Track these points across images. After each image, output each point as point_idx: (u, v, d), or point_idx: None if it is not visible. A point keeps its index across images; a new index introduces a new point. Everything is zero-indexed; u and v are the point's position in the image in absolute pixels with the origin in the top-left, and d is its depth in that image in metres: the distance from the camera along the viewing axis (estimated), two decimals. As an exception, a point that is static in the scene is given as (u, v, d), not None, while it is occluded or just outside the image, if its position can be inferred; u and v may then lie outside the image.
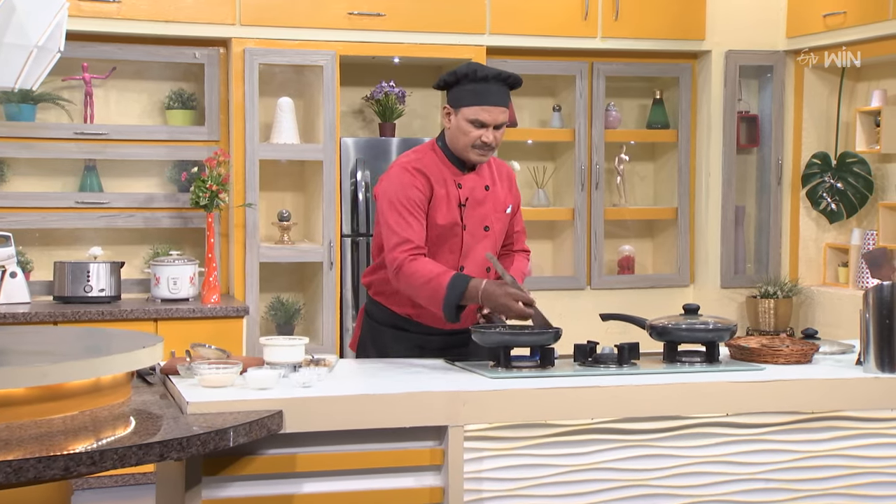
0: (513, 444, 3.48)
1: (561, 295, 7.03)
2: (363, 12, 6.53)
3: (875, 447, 3.72)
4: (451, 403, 3.37)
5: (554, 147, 7.31)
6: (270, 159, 6.54)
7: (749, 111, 7.36)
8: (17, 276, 6.18)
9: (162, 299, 6.23)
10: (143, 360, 3.31)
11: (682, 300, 7.23)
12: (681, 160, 7.28)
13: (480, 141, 3.94)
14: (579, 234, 7.07)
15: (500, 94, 3.97)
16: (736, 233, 7.27)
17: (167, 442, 2.84)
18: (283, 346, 3.57)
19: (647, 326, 3.96)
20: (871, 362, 3.73)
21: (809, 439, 3.69)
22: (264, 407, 3.22)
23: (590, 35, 6.90)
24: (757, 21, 7.18)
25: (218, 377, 3.39)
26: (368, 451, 3.36)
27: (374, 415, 3.32)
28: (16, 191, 6.42)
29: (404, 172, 3.97)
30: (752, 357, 3.93)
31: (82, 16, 6.14)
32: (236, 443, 3.02)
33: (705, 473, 3.62)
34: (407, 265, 3.86)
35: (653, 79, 7.37)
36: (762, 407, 3.61)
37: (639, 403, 3.53)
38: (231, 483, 3.24)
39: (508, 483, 3.47)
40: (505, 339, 3.74)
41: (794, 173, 7.27)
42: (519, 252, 4.29)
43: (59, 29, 3.47)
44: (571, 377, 3.63)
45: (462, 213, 4.01)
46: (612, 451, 3.55)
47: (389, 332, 4.12)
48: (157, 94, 6.70)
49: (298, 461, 3.29)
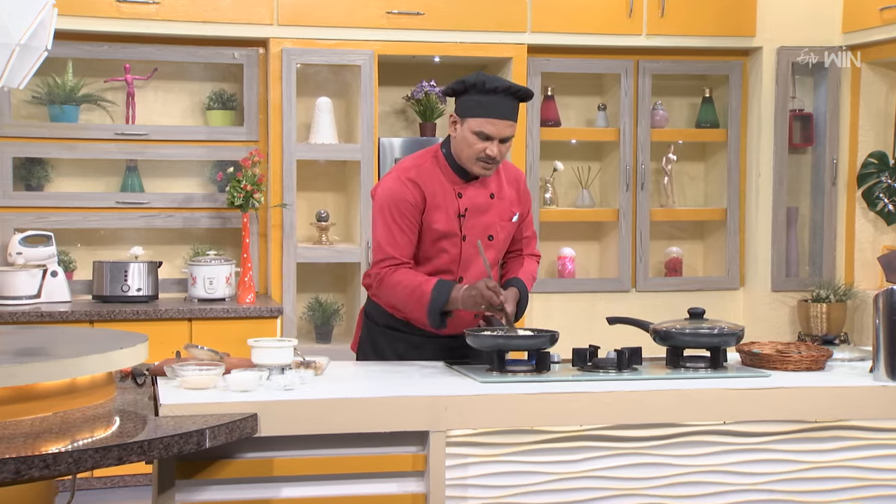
0: (499, 451, 3.40)
1: (605, 297, 6.90)
2: (402, 11, 6.47)
3: (884, 458, 3.57)
4: (432, 408, 3.30)
5: (600, 147, 7.18)
6: (309, 159, 6.52)
7: (803, 109, 7.16)
8: (57, 275, 6.24)
9: (199, 299, 6.25)
10: (122, 360, 3.28)
11: (732, 303, 7.12)
12: (730, 160, 7.10)
13: (485, 154, 3.83)
14: (624, 235, 6.94)
15: (508, 107, 3.84)
16: (788, 234, 7.08)
17: (127, 445, 2.80)
18: (270, 348, 3.52)
19: (650, 331, 3.84)
20: (881, 370, 3.58)
21: (814, 449, 3.55)
22: (240, 410, 3.18)
23: (634, 32, 6.77)
24: (810, 16, 6.97)
25: (199, 379, 3.36)
26: (349, 456, 3.31)
27: (353, 419, 3.26)
28: (60, 191, 6.48)
29: (398, 182, 3.89)
30: (762, 363, 3.81)
31: (122, 17, 6.19)
32: (204, 446, 2.98)
33: (702, 483, 3.50)
34: (388, 276, 3.82)
35: (702, 77, 7.21)
36: (760, 415, 3.49)
37: (629, 410, 3.42)
38: (206, 487, 3.20)
39: (494, 490, 3.39)
40: (499, 342, 3.66)
41: (849, 173, 7.05)
42: (528, 256, 4.19)
43: (43, 27, 3.45)
44: (563, 382, 3.53)
45: (461, 224, 3.92)
46: (604, 459, 3.46)
47: (387, 333, 4.06)
48: (198, 95, 6.72)
49: (276, 465, 3.25)
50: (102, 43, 6.37)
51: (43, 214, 6.37)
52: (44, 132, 6.35)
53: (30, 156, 6.40)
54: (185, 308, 6.06)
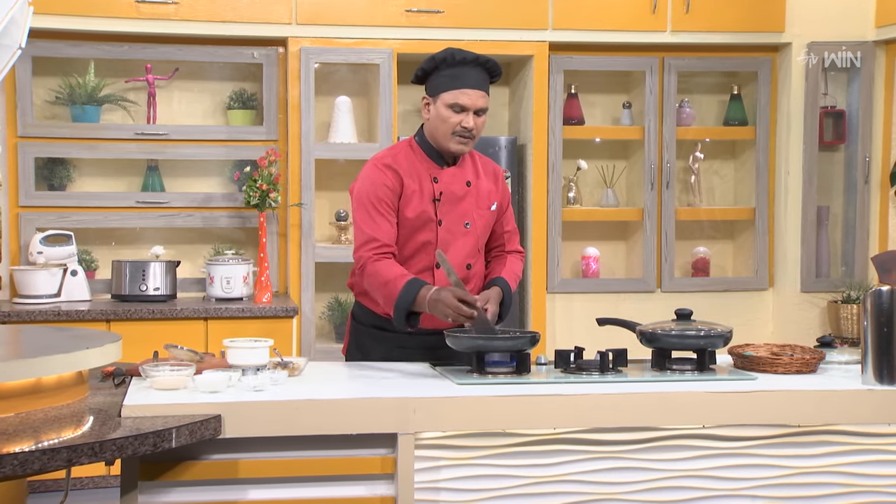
0: (472, 454, 3.34)
1: (630, 297, 6.80)
2: (421, 9, 6.43)
3: (871, 464, 3.46)
4: (401, 410, 3.25)
5: (626, 145, 7.08)
6: (329, 158, 6.50)
7: (835, 106, 7.00)
8: (77, 274, 6.28)
9: (216, 298, 6.25)
10: (88, 361, 3.26)
11: (760, 304, 6.99)
12: (759, 158, 6.97)
13: (461, 127, 3.83)
14: (649, 234, 6.83)
15: (479, 77, 3.87)
16: (818, 234, 6.93)
17: (77, 447, 2.78)
18: (245, 349, 3.49)
19: (637, 332, 3.76)
20: (869, 373, 3.47)
21: (800, 454, 3.45)
22: (205, 411, 3.15)
23: (659, 29, 6.66)
24: (842, 10, 6.80)
25: (168, 380, 3.34)
26: (317, 458, 3.26)
27: (320, 421, 3.22)
28: (81, 191, 6.52)
29: (374, 169, 3.90)
30: (752, 366, 3.71)
31: (140, 17, 6.20)
32: (162, 447, 2.95)
33: (683, 488, 3.42)
34: (370, 265, 3.77)
35: (731, 74, 7.09)
36: (741, 419, 3.39)
37: (605, 413, 3.34)
38: (170, 488, 3.18)
39: (467, 494, 3.33)
40: (478, 343, 3.60)
41: (883, 171, 6.88)
42: (512, 253, 4.13)
43: (15, 25, 3.45)
44: (539, 385, 3.46)
45: (436, 209, 3.88)
46: (580, 463, 3.38)
47: (374, 334, 4.01)
48: (219, 95, 6.73)
49: (242, 467, 3.22)
50: (122, 43, 6.39)
51: (65, 214, 6.40)
52: (65, 132, 6.39)
53: (52, 156, 6.44)
54: (201, 308, 6.06)
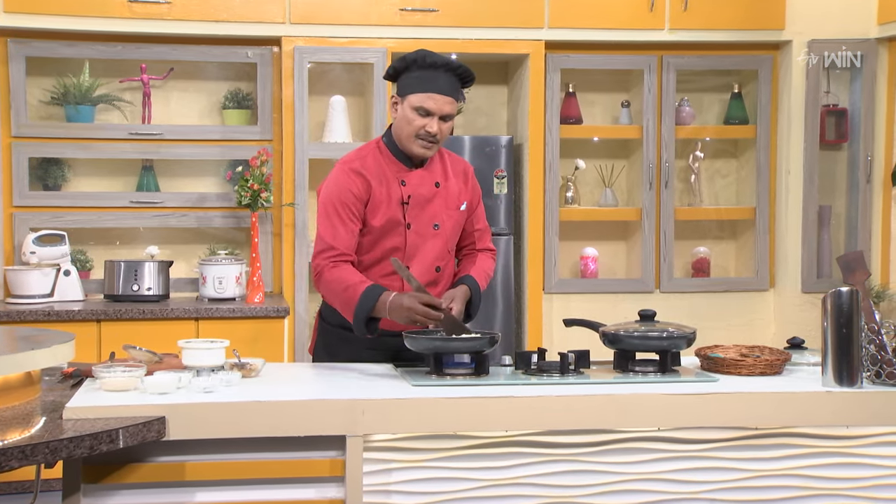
0: (424, 456, 3.30)
1: (627, 298, 6.73)
2: (415, 8, 6.39)
3: (830, 467, 3.40)
4: (350, 412, 3.21)
5: (625, 145, 7.01)
6: (322, 158, 6.47)
7: (837, 104, 6.90)
8: (70, 274, 6.28)
9: (209, 299, 6.24)
10: (36, 361, 3.25)
11: (761, 304, 6.91)
12: (759, 157, 6.88)
13: (424, 131, 3.79)
14: (647, 234, 6.76)
15: (448, 83, 3.83)
16: (820, 234, 6.84)
17: (7, 450, 2.75)
18: (200, 350, 3.47)
19: (599, 333, 3.71)
20: (829, 374, 3.41)
21: (758, 457, 3.40)
22: (151, 412, 3.13)
23: (656, 27, 6.58)
24: (843, 7, 6.71)
25: (117, 381, 3.32)
26: (266, 461, 3.24)
27: (268, 422, 3.19)
28: (76, 191, 6.52)
29: (341, 173, 3.85)
30: (717, 368, 3.66)
31: (134, 17, 6.19)
32: (99, 450, 2.93)
33: (639, 491, 3.37)
34: (327, 272, 3.74)
35: (732, 72, 7.01)
36: (697, 422, 3.34)
37: (558, 415, 3.30)
38: (114, 491, 3.16)
39: (418, 497, 3.30)
40: (436, 345, 3.57)
41: (885, 170, 6.78)
42: (483, 251, 4.09)
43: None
44: (495, 386, 3.42)
45: (405, 212, 3.84)
46: (534, 466, 3.34)
47: (341, 334, 3.96)
48: (215, 94, 6.71)
49: (189, 469, 3.19)
50: (116, 43, 6.39)
51: (59, 214, 6.41)
52: (60, 132, 6.39)
53: (46, 156, 6.45)
54: (192, 308, 6.05)
